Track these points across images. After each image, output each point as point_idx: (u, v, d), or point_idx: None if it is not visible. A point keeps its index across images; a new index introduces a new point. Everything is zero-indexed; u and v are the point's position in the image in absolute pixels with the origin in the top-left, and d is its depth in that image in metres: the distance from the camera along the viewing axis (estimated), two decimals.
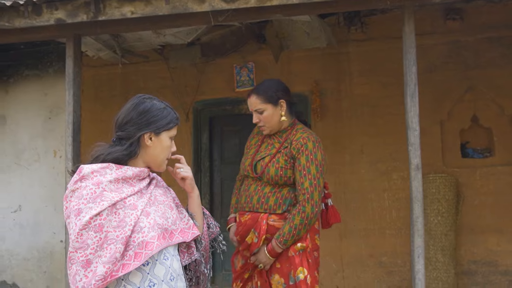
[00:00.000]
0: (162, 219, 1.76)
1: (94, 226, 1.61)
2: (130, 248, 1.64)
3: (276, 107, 2.71)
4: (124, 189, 1.73)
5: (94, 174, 1.70)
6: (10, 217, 6.30)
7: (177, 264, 1.80)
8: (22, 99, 6.39)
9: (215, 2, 3.43)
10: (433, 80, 5.33)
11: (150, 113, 1.83)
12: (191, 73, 5.90)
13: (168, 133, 1.86)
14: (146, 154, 1.84)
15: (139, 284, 1.67)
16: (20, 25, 3.80)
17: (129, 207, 1.70)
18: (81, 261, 1.59)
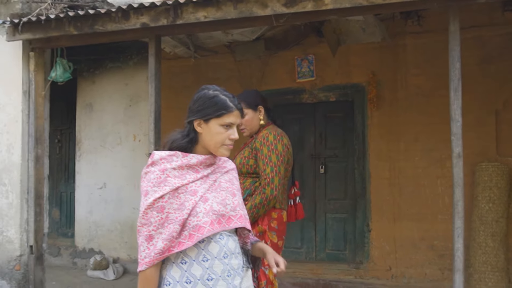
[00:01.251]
0: (220, 205, 1.91)
1: (157, 207, 1.83)
2: (186, 229, 1.83)
3: (255, 112, 3.10)
4: (187, 176, 1.90)
5: (162, 161, 1.90)
6: (97, 193, 7.24)
7: (233, 243, 1.94)
8: (106, 88, 7.27)
9: (276, 7, 3.96)
10: (489, 70, 5.56)
11: (199, 101, 1.96)
12: (255, 65, 6.48)
13: (217, 120, 1.92)
14: (202, 140, 1.96)
15: (194, 258, 1.86)
16: (111, 29, 4.54)
17: (190, 192, 1.87)
18: (145, 235, 1.83)
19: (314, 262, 6.32)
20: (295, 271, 6.23)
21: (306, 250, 6.43)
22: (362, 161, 6.07)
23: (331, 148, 6.39)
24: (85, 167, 7.35)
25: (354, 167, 6.15)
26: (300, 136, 6.53)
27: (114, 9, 4.41)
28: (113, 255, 7.09)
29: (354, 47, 5.85)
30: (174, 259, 1.88)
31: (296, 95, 6.43)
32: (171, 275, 1.87)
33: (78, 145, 7.41)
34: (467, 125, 5.20)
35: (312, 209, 6.39)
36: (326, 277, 6.10)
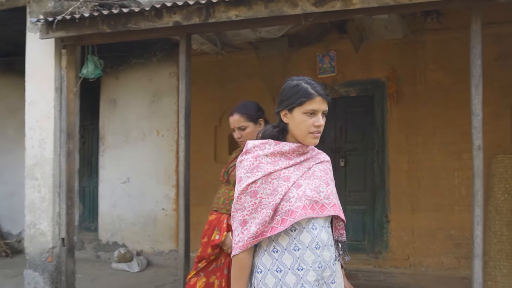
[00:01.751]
0: (313, 192, 1.93)
1: (250, 192, 1.90)
2: (278, 214, 1.87)
3: (256, 125, 3.08)
4: (280, 162, 1.96)
5: (255, 149, 1.98)
6: (120, 187, 7.52)
7: (325, 235, 1.94)
8: (130, 84, 7.54)
9: (306, 6, 4.20)
10: (506, 66, 5.79)
11: (283, 92, 2.05)
12: (277, 61, 6.72)
13: (300, 109, 1.97)
14: (290, 130, 2.02)
15: (286, 247, 1.89)
16: (144, 27, 4.79)
17: (283, 178, 1.92)
18: (239, 220, 1.90)
19: None
20: None
21: None
22: (381, 155, 6.31)
23: (351, 142, 6.64)
24: (108, 162, 7.63)
25: (373, 160, 6.40)
26: None
27: (146, 7, 4.65)
28: (137, 248, 7.37)
29: (375, 43, 6.09)
30: (266, 247, 1.92)
31: None
32: (262, 262, 1.91)
33: (101, 140, 7.69)
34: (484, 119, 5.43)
35: None
36: (346, 266, 6.30)
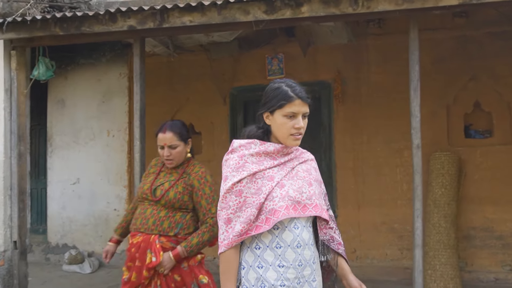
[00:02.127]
0: (296, 192, 1.97)
1: (235, 191, 1.94)
2: (263, 213, 1.92)
3: (186, 145, 3.09)
4: (265, 162, 2.00)
5: (241, 148, 2.02)
6: (70, 188, 7.50)
7: (307, 235, 1.98)
8: (78, 84, 7.53)
9: (258, 13, 4.45)
10: (441, 69, 6.28)
11: (266, 94, 2.07)
12: (228, 62, 6.94)
13: (280, 111, 1.99)
14: (272, 131, 2.05)
15: (268, 244, 1.94)
16: (98, 30, 4.88)
17: (267, 178, 1.97)
18: (224, 218, 1.94)
19: None
20: None
21: None
22: (329, 153, 6.67)
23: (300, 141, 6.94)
24: (57, 163, 7.59)
25: (321, 158, 6.74)
26: None
27: (100, 11, 4.75)
28: (88, 249, 7.39)
29: (322, 47, 6.43)
30: (249, 244, 1.97)
31: None
32: (245, 259, 1.97)
33: (49, 141, 7.63)
34: (422, 119, 5.87)
35: None
36: None
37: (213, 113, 7.08)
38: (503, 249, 6.06)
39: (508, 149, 6.07)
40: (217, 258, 6.36)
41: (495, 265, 6.06)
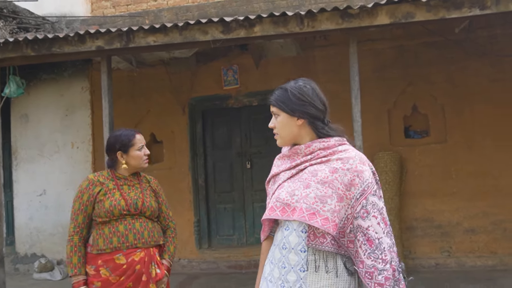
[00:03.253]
0: (287, 194, 1.98)
1: (266, 188, 2.15)
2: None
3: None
4: (283, 165, 2.09)
5: (281, 151, 2.17)
6: (37, 200, 7.88)
7: (295, 239, 1.95)
8: (41, 99, 7.92)
9: (215, 33, 5.08)
10: (382, 77, 7.06)
11: None
12: (185, 75, 7.52)
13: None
14: None
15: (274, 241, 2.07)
16: (68, 51, 5.38)
17: (278, 180, 2.08)
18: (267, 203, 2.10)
19: (245, 246, 7.51)
20: (229, 256, 7.41)
21: (237, 236, 7.61)
22: None
23: (256, 146, 7.62)
24: (23, 175, 7.94)
25: None
26: (228, 137, 7.70)
27: (72, 34, 5.25)
28: (57, 257, 7.78)
29: (273, 59, 7.11)
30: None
31: (223, 100, 7.57)
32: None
33: (14, 155, 7.98)
34: (367, 122, 6.69)
35: (241, 200, 7.59)
36: (256, 257, 7.24)
37: (173, 123, 7.64)
38: (442, 237, 6.88)
39: (443, 147, 6.91)
40: (181, 259, 6.90)
41: (435, 252, 6.88)
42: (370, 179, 1.97)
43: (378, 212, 1.94)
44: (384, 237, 1.92)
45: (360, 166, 1.97)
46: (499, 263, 6.64)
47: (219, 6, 7.07)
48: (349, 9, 4.80)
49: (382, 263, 1.89)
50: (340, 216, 1.93)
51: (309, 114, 2.07)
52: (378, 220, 1.93)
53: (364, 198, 1.93)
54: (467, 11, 4.60)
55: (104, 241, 2.91)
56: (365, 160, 2.02)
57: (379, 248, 1.90)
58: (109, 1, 7.69)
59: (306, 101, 2.08)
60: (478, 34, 6.59)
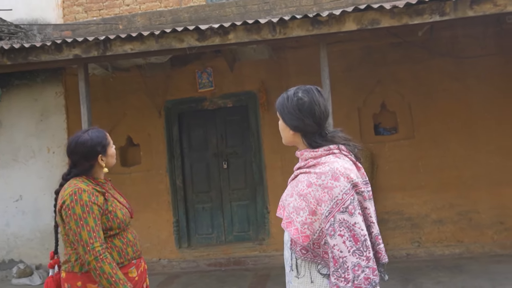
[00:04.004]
0: (284, 197, 2.21)
1: None
2: None
3: None
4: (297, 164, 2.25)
5: None
6: (13, 206, 7.98)
7: (287, 236, 2.18)
8: (15, 105, 8.00)
9: (191, 41, 5.33)
10: (352, 76, 7.43)
11: None
12: (160, 78, 7.74)
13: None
14: None
15: None
16: (45, 59, 5.55)
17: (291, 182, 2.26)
18: None
19: (224, 244, 7.79)
20: (209, 254, 7.68)
21: (216, 234, 7.89)
22: (258, 155, 7.65)
23: (231, 146, 7.90)
24: None
25: (252, 160, 7.72)
26: (204, 138, 7.96)
27: (49, 43, 5.42)
28: (35, 262, 7.91)
29: (247, 62, 7.40)
30: None
31: (199, 103, 7.82)
32: None
33: None
34: (338, 120, 7.04)
35: (219, 199, 7.87)
36: (235, 255, 7.61)
37: (149, 125, 7.85)
38: (412, 228, 7.31)
39: (411, 143, 7.33)
40: (161, 259, 7.12)
41: (406, 243, 7.31)
42: (341, 195, 1.99)
43: (346, 229, 1.97)
44: (349, 256, 1.95)
45: (331, 183, 2.01)
46: (465, 251, 7.11)
47: (192, 11, 7.31)
48: (318, 16, 5.11)
49: (344, 281, 1.95)
50: (312, 229, 2.04)
51: (300, 128, 2.17)
52: (344, 239, 1.96)
53: (332, 216, 1.99)
54: (428, 18, 4.97)
55: (120, 253, 2.74)
56: (339, 175, 2.02)
57: (342, 267, 1.96)
58: (81, 6, 7.83)
59: (299, 118, 2.15)
60: (441, 35, 7.00)
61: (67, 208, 2.63)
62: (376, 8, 4.99)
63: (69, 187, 2.69)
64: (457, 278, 6.10)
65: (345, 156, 2.14)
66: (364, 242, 1.97)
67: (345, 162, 2.10)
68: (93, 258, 2.56)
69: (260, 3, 7.21)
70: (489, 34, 6.89)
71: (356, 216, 1.98)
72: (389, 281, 6.10)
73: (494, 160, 7.09)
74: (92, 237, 2.57)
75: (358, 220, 1.98)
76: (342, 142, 2.17)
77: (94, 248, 2.57)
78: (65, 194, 2.66)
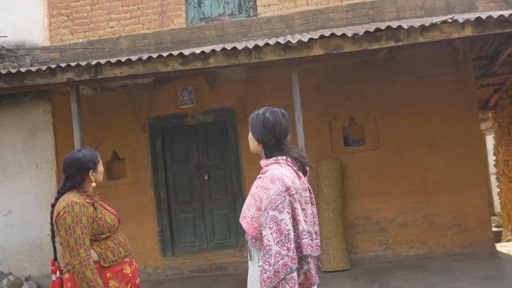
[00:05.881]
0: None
1: None
2: None
3: None
4: None
5: None
6: (2, 220, 8.50)
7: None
8: (2, 122, 8.55)
9: (175, 65, 6.02)
10: (322, 93, 8.21)
11: None
12: (144, 96, 8.40)
13: None
14: None
15: None
16: (39, 82, 6.17)
17: None
18: None
19: (206, 251, 8.45)
20: (192, 261, 8.32)
21: (199, 243, 8.54)
22: (237, 167, 8.35)
23: (212, 159, 8.59)
24: None
25: (231, 172, 8.42)
26: (186, 152, 8.64)
27: (44, 68, 6.04)
28: (24, 274, 8.42)
29: (225, 81, 8.12)
30: None
31: (180, 118, 8.50)
32: None
33: None
34: (311, 133, 7.85)
35: (201, 209, 8.54)
36: (217, 261, 8.28)
37: (134, 141, 8.49)
38: (380, 232, 8.09)
39: (377, 153, 8.13)
40: (147, 267, 7.72)
41: (374, 245, 8.08)
42: (274, 195, 2.48)
43: (274, 223, 2.46)
44: (273, 245, 2.44)
45: (269, 185, 2.51)
46: (428, 252, 7.91)
47: (173, 33, 8.01)
48: (289, 43, 5.86)
49: (268, 265, 2.44)
50: (259, 221, 2.57)
51: (263, 141, 2.71)
52: (272, 231, 2.45)
53: (266, 212, 2.49)
54: (385, 43, 5.77)
55: (113, 252, 3.19)
56: (276, 179, 2.51)
57: (268, 254, 2.45)
58: (67, 28, 8.45)
59: (263, 133, 2.68)
60: (402, 53, 7.84)
61: (59, 218, 3.05)
62: (340, 35, 5.77)
63: (63, 201, 3.12)
64: (419, 276, 6.86)
65: (288, 166, 2.62)
66: (287, 236, 2.45)
67: (285, 170, 2.58)
68: (78, 262, 2.97)
69: (237, 25, 7.95)
70: (444, 53, 7.76)
71: (284, 213, 2.47)
72: (358, 280, 6.85)
73: (453, 168, 7.94)
74: (78, 244, 2.99)
75: (285, 217, 2.47)
76: (293, 156, 2.67)
77: (79, 254, 2.98)
78: (60, 207, 3.09)
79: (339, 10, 7.86)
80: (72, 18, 8.43)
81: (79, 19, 8.43)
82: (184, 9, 8.23)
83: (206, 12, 8.35)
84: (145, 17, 8.21)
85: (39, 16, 8.48)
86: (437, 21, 5.68)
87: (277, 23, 7.93)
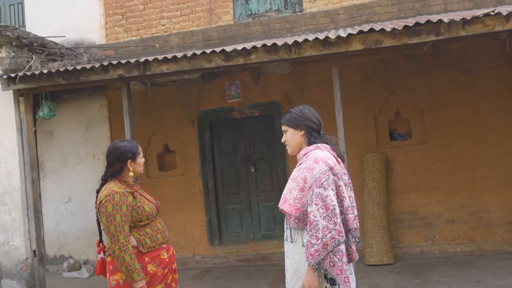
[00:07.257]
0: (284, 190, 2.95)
1: None
2: None
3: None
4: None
5: None
6: (63, 207, 9.14)
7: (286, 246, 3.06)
8: (64, 116, 9.17)
9: (218, 61, 6.29)
10: (368, 87, 8.25)
11: None
12: (193, 91, 8.76)
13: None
14: None
15: None
16: (94, 79, 6.63)
17: None
18: None
19: (252, 241, 8.73)
20: (238, 251, 8.63)
21: (245, 233, 8.84)
22: (283, 160, 8.56)
23: (259, 152, 8.85)
24: (50, 185, 9.21)
25: (277, 165, 8.64)
26: (233, 144, 8.94)
27: (97, 65, 6.48)
28: (83, 258, 9.04)
29: (270, 76, 8.33)
30: None
31: (228, 112, 8.81)
32: None
33: (41, 167, 9.24)
34: (356, 128, 7.93)
35: (247, 201, 8.83)
36: (262, 252, 8.54)
37: (184, 134, 8.88)
38: (426, 227, 8.06)
39: (423, 148, 8.10)
40: (195, 255, 8.10)
41: (420, 241, 8.07)
42: (319, 174, 2.69)
43: (320, 200, 2.65)
44: (320, 220, 2.63)
45: (312, 165, 2.73)
46: (476, 249, 7.82)
47: (220, 30, 8.30)
48: (328, 38, 5.99)
49: (315, 239, 2.62)
50: (302, 202, 2.75)
51: (307, 126, 2.94)
52: (318, 207, 2.65)
53: (311, 189, 2.69)
54: (425, 37, 5.78)
55: (151, 239, 3.39)
56: (319, 159, 2.74)
57: (315, 228, 2.63)
58: (122, 27, 8.94)
59: (305, 117, 2.95)
60: (450, 47, 7.75)
61: (101, 206, 3.28)
62: (378, 30, 5.84)
63: (105, 190, 3.35)
64: (464, 273, 6.82)
65: (328, 151, 2.86)
66: (333, 210, 2.64)
67: (326, 153, 2.82)
68: (118, 248, 3.17)
69: (282, 21, 8.14)
70: (494, 46, 7.60)
71: (328, 190, 2.67)
72: (401, 274, 6.91)
73: (503, 163, 7.79)
74: (118, 231, 3.19)
75: (330, 193, 2.67)
76: (333, 143, 2.96)
77: (119, 240, 3.18)
78: (102, 196, 3.32)
79: (384, 4, 7.87)
80: (127, 17, 8.92)
81: (132, 18, 8.90)
82: (232, 6, 8.51)
83: (253, 8, 8.60)
84: (194, 15, 8.56)
85: (96, 15, 9.02)
86: (479, 14, 5.62)
87: (322, 18, 8.05)
